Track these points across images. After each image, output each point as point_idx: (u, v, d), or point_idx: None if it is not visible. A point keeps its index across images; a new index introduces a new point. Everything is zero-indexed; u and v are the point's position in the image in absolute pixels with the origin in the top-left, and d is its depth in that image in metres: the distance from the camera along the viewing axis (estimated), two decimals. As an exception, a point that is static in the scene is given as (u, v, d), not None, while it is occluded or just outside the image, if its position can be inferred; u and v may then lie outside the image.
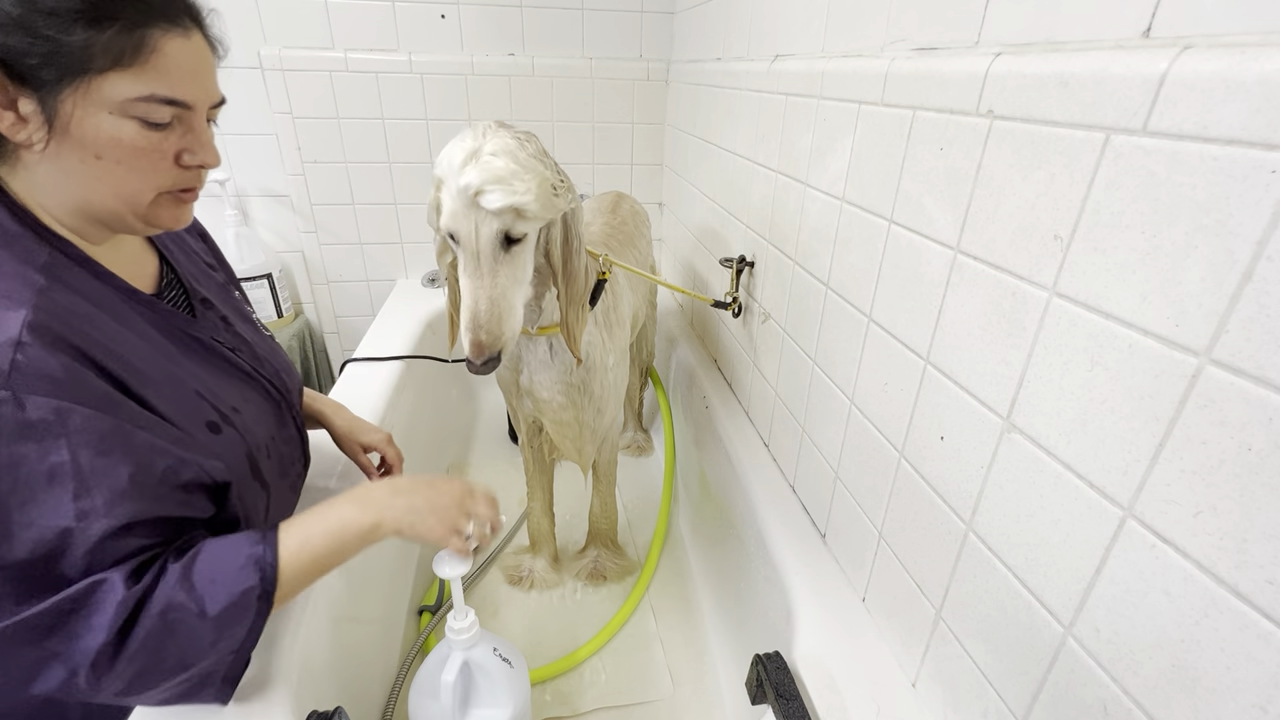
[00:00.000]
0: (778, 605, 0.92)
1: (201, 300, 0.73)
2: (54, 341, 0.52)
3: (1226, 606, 0.40)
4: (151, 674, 0.57)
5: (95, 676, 0.54)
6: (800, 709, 0.72)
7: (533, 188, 0.74)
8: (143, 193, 0.58)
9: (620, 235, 1.32)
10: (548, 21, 1.75)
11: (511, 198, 0.73)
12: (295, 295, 1.94)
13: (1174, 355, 0.42)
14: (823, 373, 0.94)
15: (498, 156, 0.74)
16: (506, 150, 0.75)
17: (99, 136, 0.53)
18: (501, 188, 0.73)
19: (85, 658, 0.53)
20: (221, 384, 0.69)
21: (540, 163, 0.78)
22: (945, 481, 0.67)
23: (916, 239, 0.70)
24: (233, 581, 0.60)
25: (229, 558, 0.61)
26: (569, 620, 1.25)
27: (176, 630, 0.57)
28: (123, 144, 0.54)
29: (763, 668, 0.78)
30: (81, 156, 0.54)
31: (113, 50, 0.52)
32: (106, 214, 0.58)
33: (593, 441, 1.17)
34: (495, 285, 0.77)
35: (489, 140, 0.75)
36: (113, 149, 0.54)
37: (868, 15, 0.81)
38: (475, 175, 0.72)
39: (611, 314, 1.08)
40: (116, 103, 0.53)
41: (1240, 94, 0.38)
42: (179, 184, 0.60)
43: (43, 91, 0.51)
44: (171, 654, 0.57)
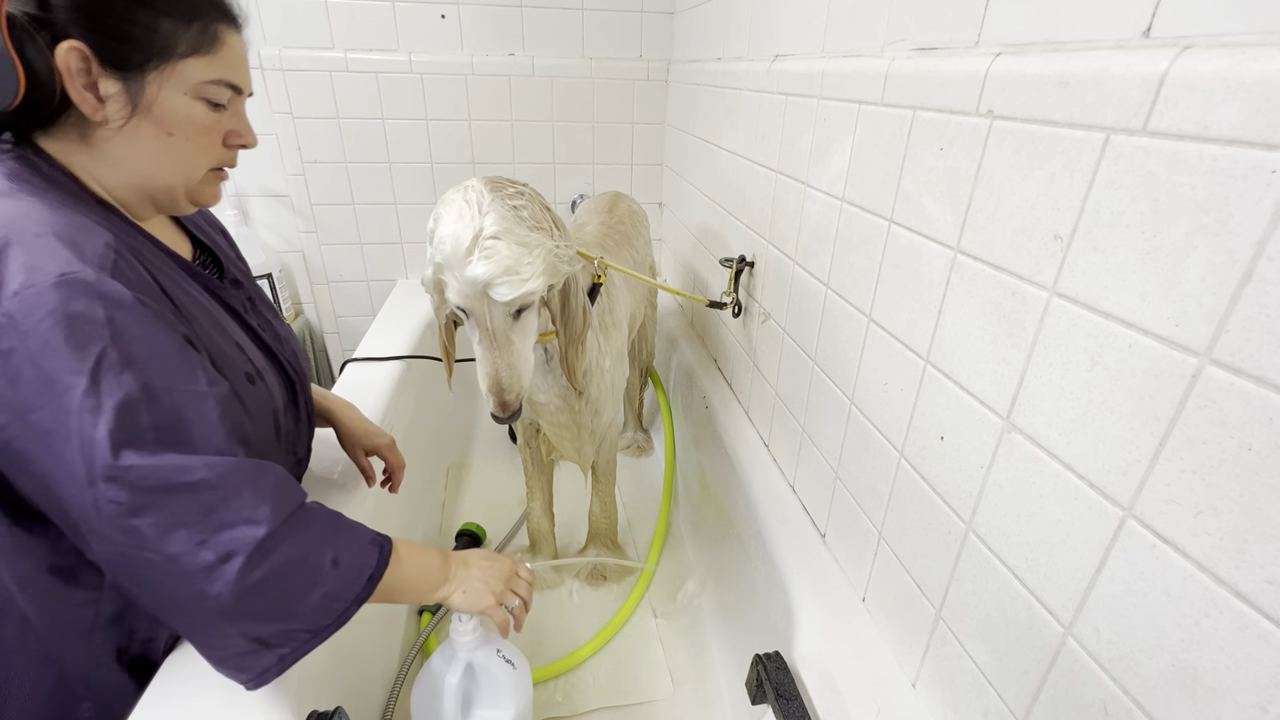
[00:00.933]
0: (778, 605, 0.92)
1: (233, 280, 0.78)
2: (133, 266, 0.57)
3: (1226, 606, 0.40)
4: (272, 595, 0.57)
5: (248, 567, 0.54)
6: (800, 709, 0.72)
7: (540, 269, 0.75)
8: (198, 168, 0.65)
9: (617, 235, 1.32)
10: (548, 21, 1.75)
11: (521, 288, 0.74)
12: (295, 295, 1.94)
13: (1174, 355, 0.42)
14: (823, 373, 0.94)
15: (500, 240, 0.73)
16: (507, 230, 0.74)
17: (176, 114, 0.60)
18: (510, 280, 0.73)
19: (247, 541, 0.54)
20: (250, 347, 0.73)
21: (540, 231, 0.77)
22: (945, 481, 0.67)
23: (916, 239, 0.70)
24: (359, 551, 0.64)
25: (356, 529, 0.66)
26: (569, 620, 1.25)
27: (309, 563, 0.60)
28: (194, 122, 0.62)
29: (763, 668, 0.78)
30: (156, 133, 0.60)
31: (193, 39, 0.59)
32: (163, 189, 0.64)
33: (591, 442, 1.17)
34: (511, 352, 0.81)
35: (486, 218, 0.73)
36: (185, 126, 0.61)
37: (868, 15, 0.81)
38: (482, 269, 0.72)
39: (607, 316, 1.08)
40: (193, 84, 0.60)
41: (1240, 94, 0.38)
42: (224, 161, 0.68)
43: (129, 73, 0.57)
44: (296, 586, 0.59)
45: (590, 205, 1.49)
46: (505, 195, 0.77)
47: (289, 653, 0.61)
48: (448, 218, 0.75)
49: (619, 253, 1.28)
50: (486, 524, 1.46)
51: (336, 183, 1.79)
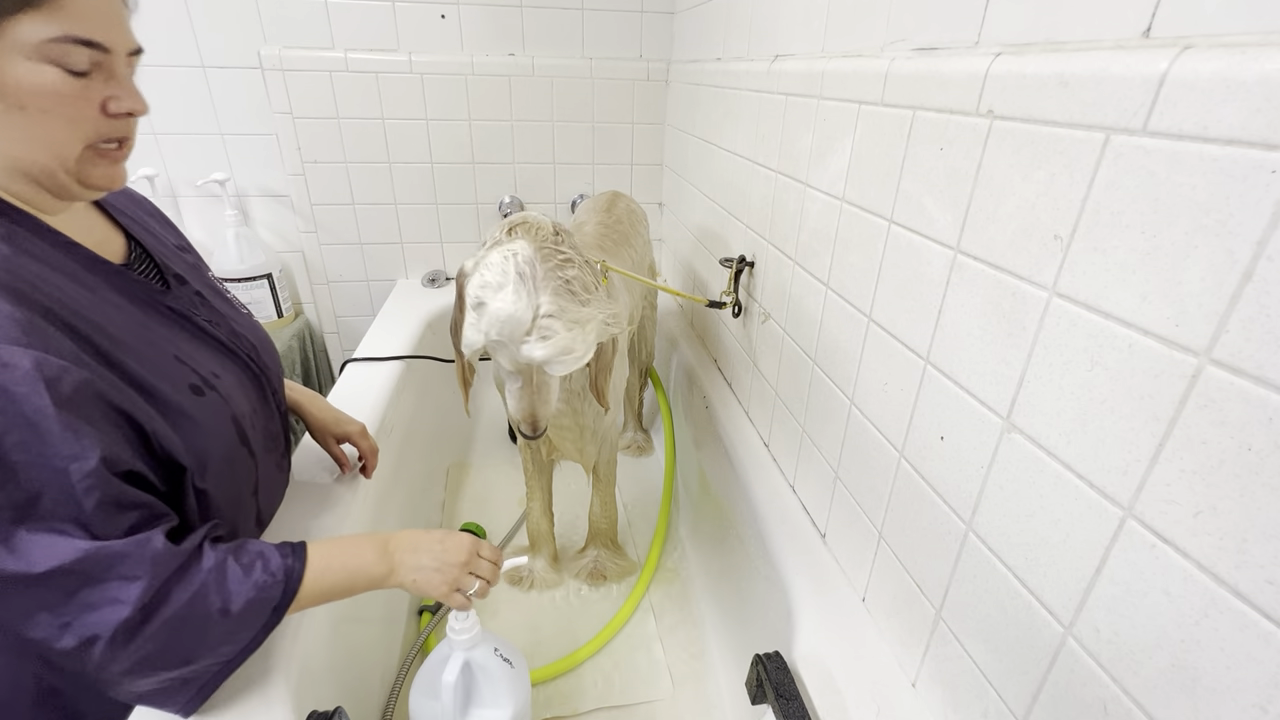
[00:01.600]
0: (778, 605, 0.92)
1: (175, 276, 0.72)
2: (19, 299, 0.52)
3: (1226, 606, 0.40)
4: (157, 660, 0.56)
5: (112, 649, 0.53)
6: (800, 709, 0.72)
7: (592, 343, 0.78)
8: (71, 144, 0.56)
9: (615, 234, 1.32)
10: (548, 21, 1.75)
11: (575, 365, 0.78)
12: (295, 295, 1.94)
13: (1174, 355, 0.42)
14: (823, 373, 0.94)
15: (556, 319, 0.75)
16: (561, 309, 0.76)
17: (20, 84, 0.52)
18: (565, 359, 0.77)
19: (109, 624, 0.53)
20: (199, 352, 0.69)
21: (590, 302, 0.79)
22: (945, 481, 0.67)
23: (916, 239, 0.70)
24: (259, 586, 0.61)
25: (261, 562, 0.63)
26: (569, 620, 1.25)
27: (197, 619, 0.58)
28: (45, 91, 0.53)
29: (763, 668, 0.78)
30: (5, 108, 0.52)
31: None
32: (39, 171, 0.56)
33: (594, 442, 1.17)
34: (546, 392, 0.85)
35: (542, 296, 0.75)
36: (36, 97, 0.52)
37: (868, 15, 0.81)
38: (540, 352, 0.75)
39: None
40: (31, 45, 0.51)
41: (1240, 94, 0.38)
42: (109, 133, 0.58)
43: None
44: (184, 643, 0.57)
45: (589, 205, 1.49)
46: (555, 265, 0.78)
47: (207, 683, 0.62)
48: (501, 295, 0.76)
49: (617, 252, 1.28)
50: (486, 524, 1.46)
51: (336, 183, 1.79)
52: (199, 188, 1.70)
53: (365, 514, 1.06)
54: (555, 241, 0.82)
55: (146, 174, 1.60)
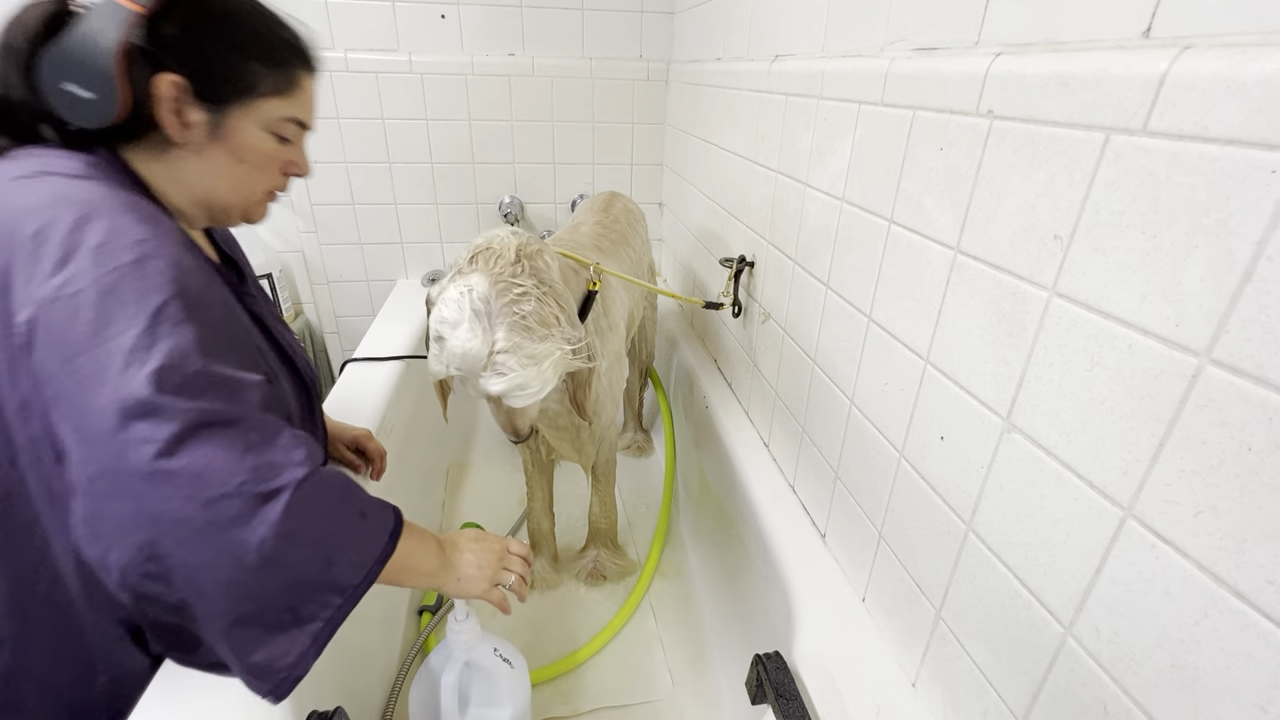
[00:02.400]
0: (778, 605, 0.92)
1: (256, 288, 0.82)
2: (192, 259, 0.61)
3: (1226, 606, 0.40)
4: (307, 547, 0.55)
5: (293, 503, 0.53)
6: (800, 709, 0.72)
7: (550, 377, 0.79)
8: (256, 192, 0.72)
9: (612, 235, 1.32)
10: (548, 21, 1.75)
11: (532, 399, 0.80)
12: (295, 295, 1.94)
13: (1174, 355, 0.42)
14: (823, 373, 0.94)
15: (511, 355, 0.77)
16: (515, 345, 0.77)
17: (248, 144, 0.67)
18: (521, 394, 0.79)
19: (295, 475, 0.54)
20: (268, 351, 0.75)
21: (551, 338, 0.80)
22: (945, 481, 0.67)
23: (916, 239, 0.70)
24: (379, 508, 0.64)
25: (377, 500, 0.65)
26: (569, 620, 1.25)
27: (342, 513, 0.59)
28: (262, 152, 0.68)
29: (763, 668, 0.78)
30: (228, 159, 0.66)
31: (275, 82, 0.66)
32: (221, 207, 0.70)
33: (592, 443, 1.17)
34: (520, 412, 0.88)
35: (497, 331, 0.77)
36: (254, 155, 0.68)
37: (868, 15, 0.81)
38: (496, 386, 0.78)
39: (602, 320, 1.08)
40: (268, 120, 0.67)
41: (1240, 94, 0.38)
42: (280, 187, 0.74)
43: (216, 105, 0.63)
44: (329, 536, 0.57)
45: (586, 204, 1.49)
46: (510, 300, 0.79)
47: (323, 626, 0.58)
48: (458, 332, 0.77)
49: (615, 252, 1.28)
50: (486, 524, 1.46)
51: (336, 183, 1.79)
52: (199, 188, 1.70)
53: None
54: (514, 273, 0.82)
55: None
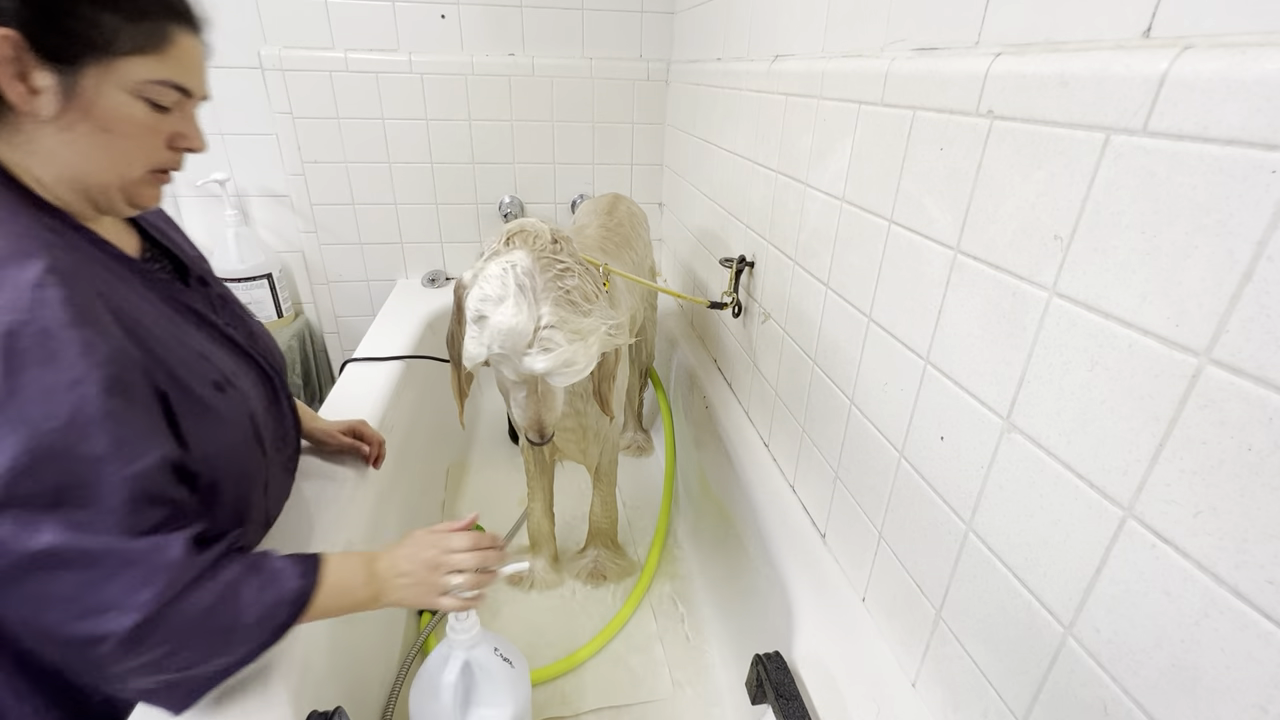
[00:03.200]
0: (778, 605, 0.92)
1: (198, 278, 0.74)
2: (73, 282, 0.53)
3: (1226, 606, 0.40)
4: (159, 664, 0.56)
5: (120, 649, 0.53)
6: (800, 709, 0.72)
7: (595, 354, 0.78)
8: (135, 168, 0.61)
9: (616, 237, 1.32)
10: (548, 21, 1.75)
11: (578, 376, 0.78)
12: (295, 295, 1.94)
13: (1174, 355, 0.42)
14: (823, 373, 0.94)
15: (557, 330, 0.75)
16: (562, 319, 0.76)
17: (114, 112, 0.57)
18: (567, 371, 0.76)
19: (121, 627, 0.53)
20: (217, 352, 0.70)
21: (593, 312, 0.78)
22: (945, 481, 0.67)
23: (916, 239, 0.70)
24: (269, 606, 0.62)
25: (276, 583, 0.63)
26: (569, 620, 1.25)
27: (204, 632, 0.58)
28: (133, 121, 0.58)
29: (763, 668, 0.78)
30: (91, 129, 0.57)
31: (138, 37, 0.56)
32: (99, 188, 0.61)
33: (597, 443, 1.17)
34: (551, 399, 0.85)
35: (543, 307, 0.75)
36: (123, 125, 0.58)
37: (868, 15, 0.81)
38: (541, 363, 0.75)
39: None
40: (134, 83, 0.57)
41: (1240, 94, 0.38)
42: (167, 164, 0.64)
43: (65, 66, 0.54)
44: (188, 651, 0.57)
45: (590, 207, 1.49)
46: (555, 274, 0.78)
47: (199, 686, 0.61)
48: (502, 308, 0.75)
49: (619, 255, 1.28)
50: (486, 524, 1.45)
51: (336, 183, 1.79)
52: (199, 188, 1.70)
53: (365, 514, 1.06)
54: (554, 250, 0.81)
55: (146, 174, 1.60)
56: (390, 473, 1.22)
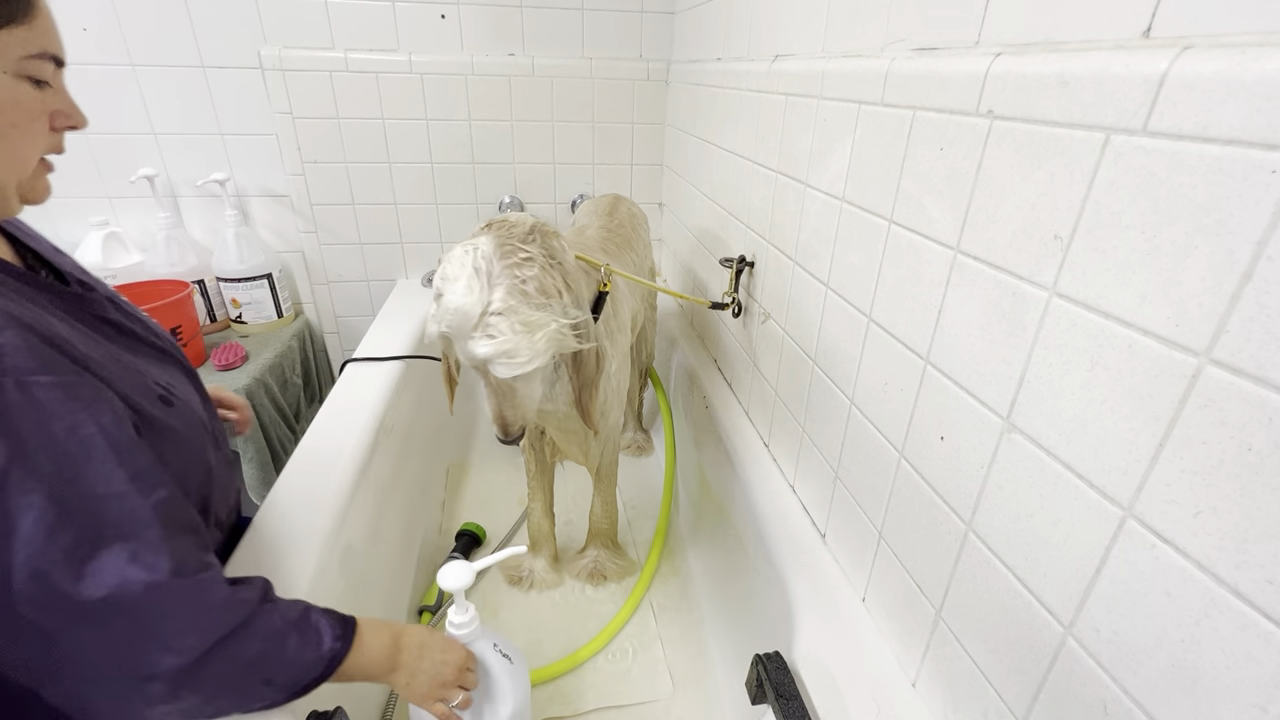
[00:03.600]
0: (778, 605, 0.92)
1: (79, 282, 0.66)
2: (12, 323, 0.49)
3: (1226, 606, 0.40)
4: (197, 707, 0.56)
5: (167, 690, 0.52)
6: (800, 709, 0.72)
7: (541, 349, 0.75)
8: (30, 159, 0.54)
9: (617, 238, 1.32)
10: (548, 21, 1.75)
11: (518, 370, 0.75)
12: (295, 295, 1.94)
13: (1174, 355, 0.42)
14: (823, 373, 0.94)
15: (504, 317, 0.73)
16: (511, 308, 0.74)
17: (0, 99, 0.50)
18: (509, 362, 0.74)
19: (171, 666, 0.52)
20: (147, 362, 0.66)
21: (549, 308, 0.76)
22: (945, 481, 0.67)
23: (916, 239, 0.70)
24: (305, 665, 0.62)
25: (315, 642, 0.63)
26: (569, 620, 1.25)
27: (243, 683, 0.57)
28: (20, 105, 0.51)
29: (763, 668, 0.78)
30: None
31: (7, 9, 0.48)
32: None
33: (598, 443, 1.17)
34: (515, 398, 0.83)
35: (494, 292, 0.74)
36: (10, 111, 0.50)
37: (868, 15, 0.81)
38: (483, 349, 0.74)
39: (612, 321, 1.09)
40: (13, 60, 0.49)
41: (1240, 94, 0.38)
42: (54, 148, 0.56)
43: None
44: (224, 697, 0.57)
45: (590, 208, 1.49)
46: (513, 263, 0.76)
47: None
48: (456, 286, 0.75)
49: (620, 256, 1.28)
50: (486, 524, 1.46)
51: (336, 183, 1.79)
52: (199, 188, 1.70)
53: (365, 513, 1.06)
54: (523, 239, 0.79)
55: (146, 174, 1.60)
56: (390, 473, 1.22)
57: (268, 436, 1.55)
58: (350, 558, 0.97)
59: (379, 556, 1.11)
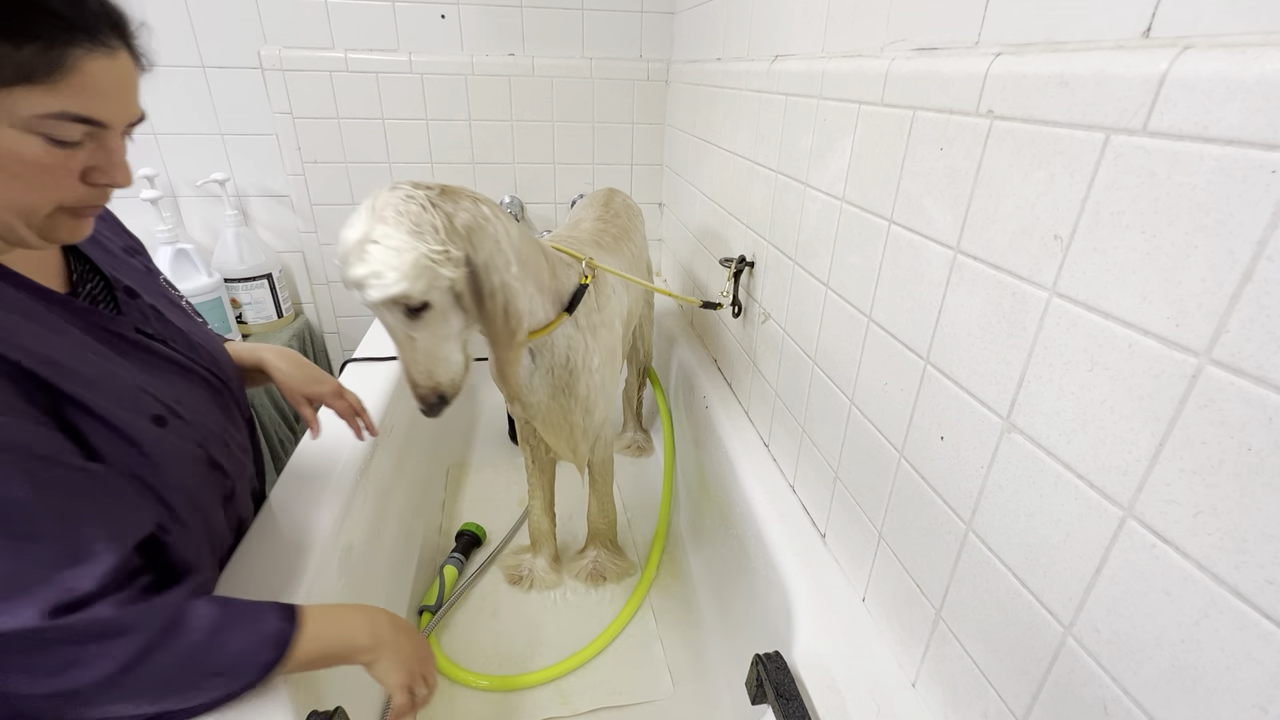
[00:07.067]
0: (778, 605, 0.92)
1: (125, 290, 0.69)
2: None
3: (1226, 606, 0.40)
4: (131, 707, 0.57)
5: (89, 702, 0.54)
6: (800, 709, 0.72)
7: (407, 273, 0.74)
8: (40, 208, 0.53)
9: (613, 230, 1.32)
10: (548, 21, 1.75)
11: (386, 291, 0.74)
12: (295, 295, 1.94)
13: (1174, 355, 0.42)
14: (823, 373, 0.94)
15: (377, 244, 0.75)
16: (385, 234, 0.75)
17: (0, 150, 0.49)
18: (376, 283, 0.74)
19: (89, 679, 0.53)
20: (157, 380, 0.67)
21: (421, 236, 0.77)
22: (945, 481, 0.67)
23: (916, 239, 0.70)
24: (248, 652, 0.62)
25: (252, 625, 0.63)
26: (569, 620, 1.25)
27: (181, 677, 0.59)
28: (23, 159, 0.50)
29: (763, 668, 0.78)
30: None
31: (23, 64, 0.47)
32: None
33: (585, 440, 1.17)
34: (416, 349, 0.82)
35: (376, 224, 0.75)
36: (10, 162, 0.50)
37: (868, 15, 0.81)
38: (356, 270, 0.75)
39: (594, 315, 1.07)
40: (22, 118, 0.49)
41: (1240, 94, 0.38)
42: (84, 201, 0.56)
43: None
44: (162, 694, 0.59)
45: (585, 201, 1.49)
46: (400, 198, 0.78)
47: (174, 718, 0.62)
48: (348, 223, 0.78)
49: (616, 249, 1.28)
50: (486, 524, 1.46)
51: (336, 183, 1.79)
52: (199, 188, 1.70)
53: (365, 513, 1.06)
54: (423, 189, 0.80)
55: (146, 174, 1.60)
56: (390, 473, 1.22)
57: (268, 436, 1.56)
58: (350, 558, 0.97)
59: (379, 556, 1.11)
